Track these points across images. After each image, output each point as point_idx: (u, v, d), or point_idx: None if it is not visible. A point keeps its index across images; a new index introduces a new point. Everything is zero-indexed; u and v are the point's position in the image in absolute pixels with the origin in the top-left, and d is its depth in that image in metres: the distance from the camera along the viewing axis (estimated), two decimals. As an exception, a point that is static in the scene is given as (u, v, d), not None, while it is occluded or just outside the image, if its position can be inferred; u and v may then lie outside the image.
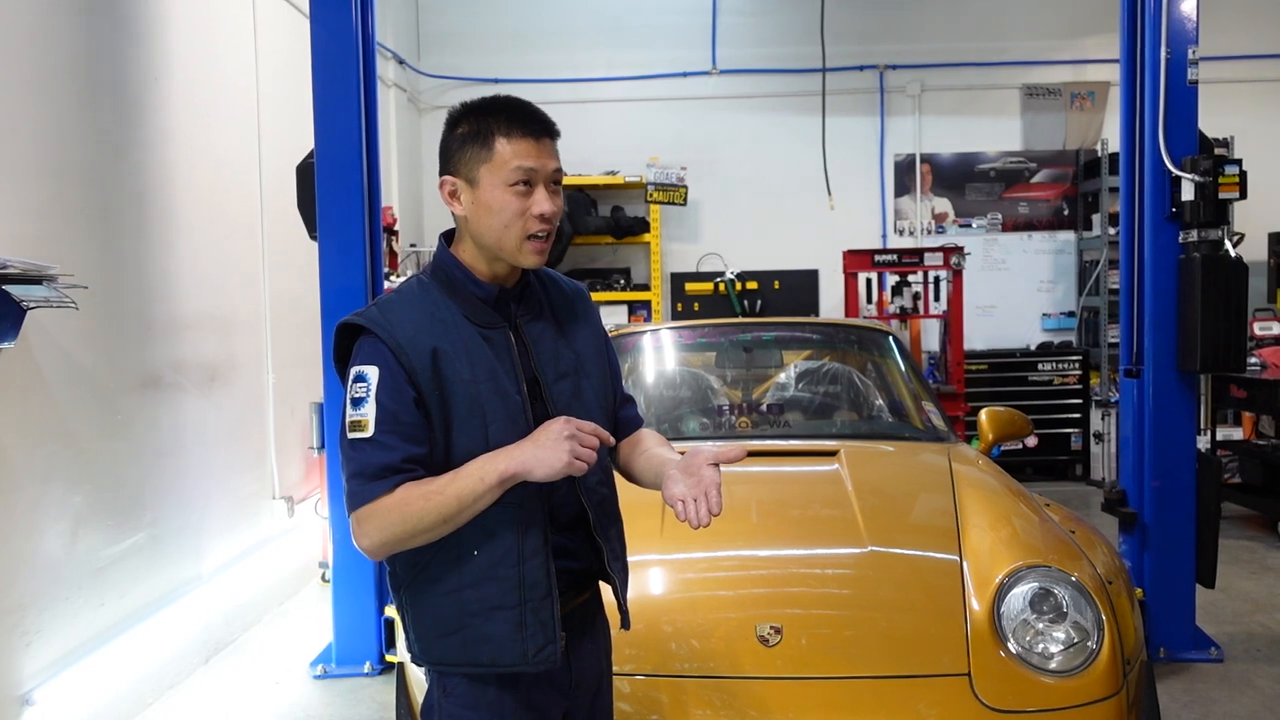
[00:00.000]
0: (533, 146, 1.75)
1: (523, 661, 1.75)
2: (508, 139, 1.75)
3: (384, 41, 7.46)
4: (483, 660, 1.77)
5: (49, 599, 3.51)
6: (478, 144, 1.76)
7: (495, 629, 1.75)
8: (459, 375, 1.74)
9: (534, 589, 1.76)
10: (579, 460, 1.66)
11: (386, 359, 1.71)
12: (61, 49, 3.76)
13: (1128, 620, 2.67)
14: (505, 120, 1.76)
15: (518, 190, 1.75)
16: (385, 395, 1.70)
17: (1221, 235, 4.15)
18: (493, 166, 1.75)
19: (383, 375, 1.70)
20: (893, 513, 3.15)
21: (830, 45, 8.51)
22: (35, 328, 3.40)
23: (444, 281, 1.82)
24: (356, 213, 4.28)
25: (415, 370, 1.71)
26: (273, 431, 5.40)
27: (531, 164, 1.75)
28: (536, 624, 1.75)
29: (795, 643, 2.49)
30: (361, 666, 4.35)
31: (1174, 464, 4.30)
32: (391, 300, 1.81)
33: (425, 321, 1.76)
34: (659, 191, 8.27)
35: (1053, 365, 8.18)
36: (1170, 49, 4.15)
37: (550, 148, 1.79)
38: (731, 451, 1.75)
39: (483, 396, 1.75)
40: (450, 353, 1.74)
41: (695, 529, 1.68)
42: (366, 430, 1.69)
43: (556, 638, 1.77)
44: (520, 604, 1.75)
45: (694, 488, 1.70)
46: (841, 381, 4.40)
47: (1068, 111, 8.65)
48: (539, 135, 1.77)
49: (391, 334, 1.72)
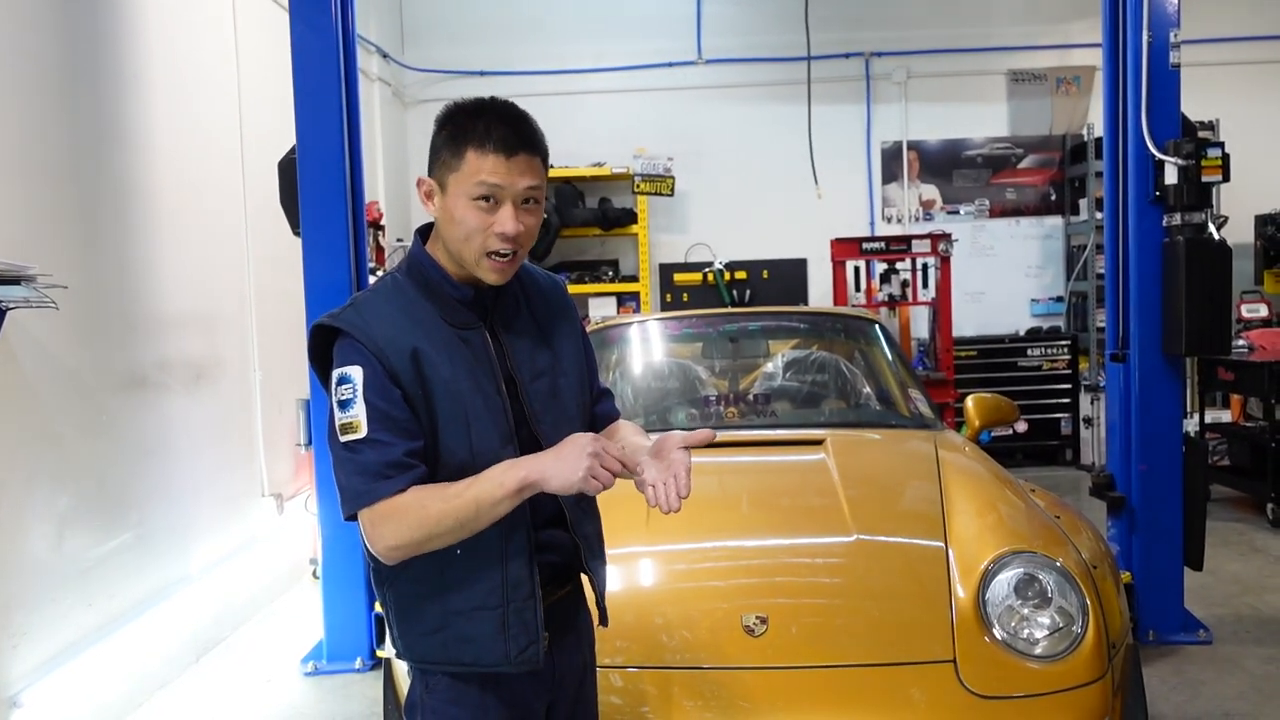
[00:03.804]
0: (502, 163, 1.69)
1: (505, 662, 1.75)
2: (479, 151, 1.69)
3: (366, 35, 7.43)
4: (465, 660, 1.76)
5: (36, 600, 3.50)
6: (450, 151, 1.73)
7: (477, 629, 1.74)
8: (440, 375, 1.71)
9: (517, 589, 1.75)
10: (595, 479, 1.61)
11: (368, 359, 1.68)
12: (40, 48, 3.73)
13: (1113, 604, 2.68)
14: (481, 131, 1.70)
15: (479, 205, 1.70)
16: (373, 394, 1.67)
17: (1205, 219, 4.15)
18: (459, 177, 1.71)
19: (367, 375, 1.68)
20: (879, 501, 3.15)
21: (815, 33, 8.49)
22: (16, 328, 3.38)
23: (420, 281, 1.79)
24: (339, 208, 4.26)
25: (398, 372, 1.69)
26: (260, 428, 5.39)
27: (497, 181, 1.69)
28: (519, 624, 1.75)
29: (782, 632, 2.50)
30: (352, 663, 4.34)
31: (1160, 447, 4.31)
32: (367, 300, 1.78)
33: (403, 321, 1.73)
34: (646, 182, 8.25)
35: (1042, 350, 8.20)
36: (1152, 33, 4.15)
37: (524, 164, 1.71)
38: (699, 435, 1.74)
39: (464, 397, 1.73)
40: (430, 352, 1.72)
41: (665, 514, 1.66)
42: (359, 431, 1.66)
43: (539, 638, 1.76)
44: (503, 604, 1.74)
45: (663, 471, 1.68)
46: (828, 370, 4.40)
47: (1053, 96, 8.65)
48: (513, 151, 1.70)
49: (370, 337, 1.70)
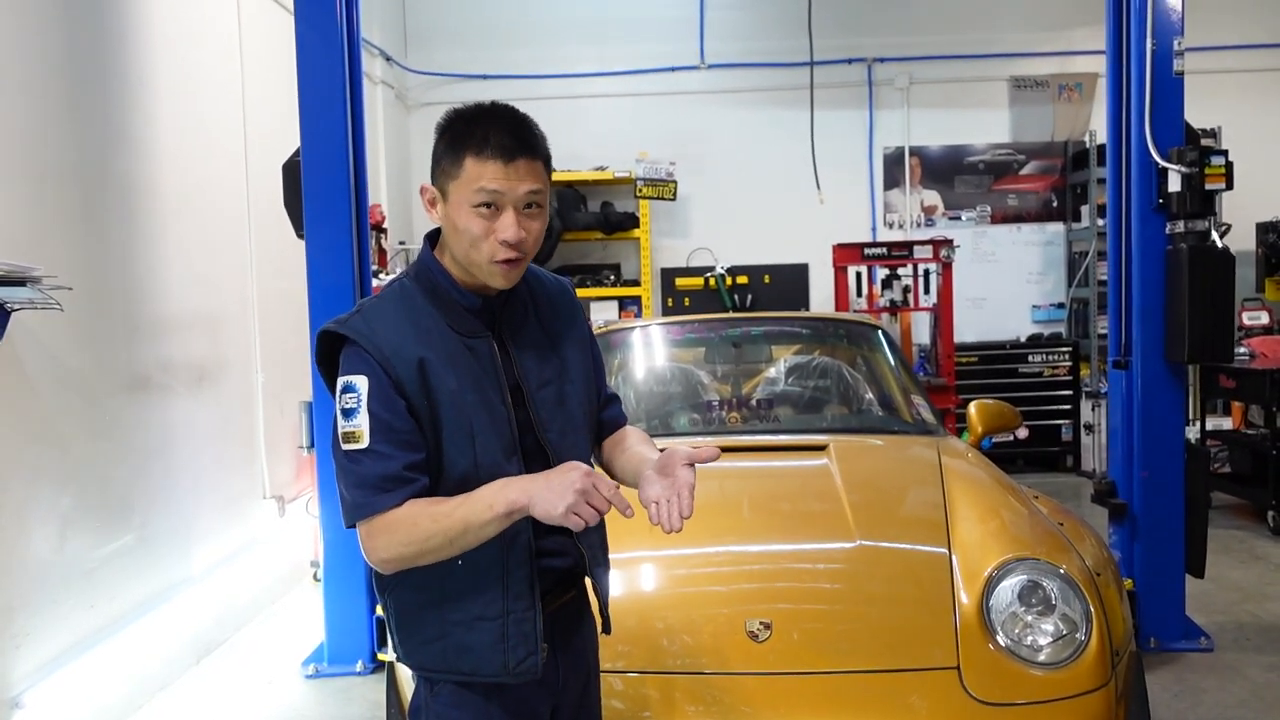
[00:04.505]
0: (501, 169, 1.67)
1: (503, 673, 1.75)
2: (477, 158, 1.68)
3: (370, 38, 7.43)
4: (464, 669, 1.76)
5: (38, 601, 3.49)
6: (450, 158, 1.71)
7: (477, 639, 1.74)
8: (446, 386, 1.71)
9: (517, 600, 1.75)
10: (578, 515, 1.57)
11: (374, 368, 1.68)
12: (45, 49, 3.73)
13: (1116, 612, 2.68)
14: (480, 138, 1.68)
15: (481, 212, 1.69)
16: (377, 405, 1.67)
17: (1208, 226, 4.15)
18: (459, 184, 1.70)
19: (372, 385, 1.67)
20: (882, 506, 3.15)
21: (818, 38, 8.49)
22: (21, 329, 3.38)
23: (428, 288, 1.79)
24: (343, 211, 4.26)
25: (403, 381, 1.69)
26: (262, 431, 5.39)
27: (497, 187, 1.68)
28: (519, 635, 1.74)
29: (785, 638, 2.49)
30: (354, 666, 4.34)
31: (1163, 454, 4.31)
32: (375, 307, 1.77)
33: (409, 329, 1.72)
34: (648, 187, 8.25)
35: (1043, 357, 8.19)
36: (1156, 40, 4.16)
37: (525, 169, 1.69)
38: (706, 451, 1.73)
39: (469, 408, 1.72)
40: (435, 362, 1.71)
41: (667, 533, 1.66)
42: (361, 441, 1.66)
43: (538, 649, 1.76)
44: (503, 615, 1.74)
45: (668, 489, 1.67)
46: (830, 376, 4.40)
47: (1055, 103, 8.65)
48: (512, 156, 1.68)
49: (377, 345, 1.69)
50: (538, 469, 1.73)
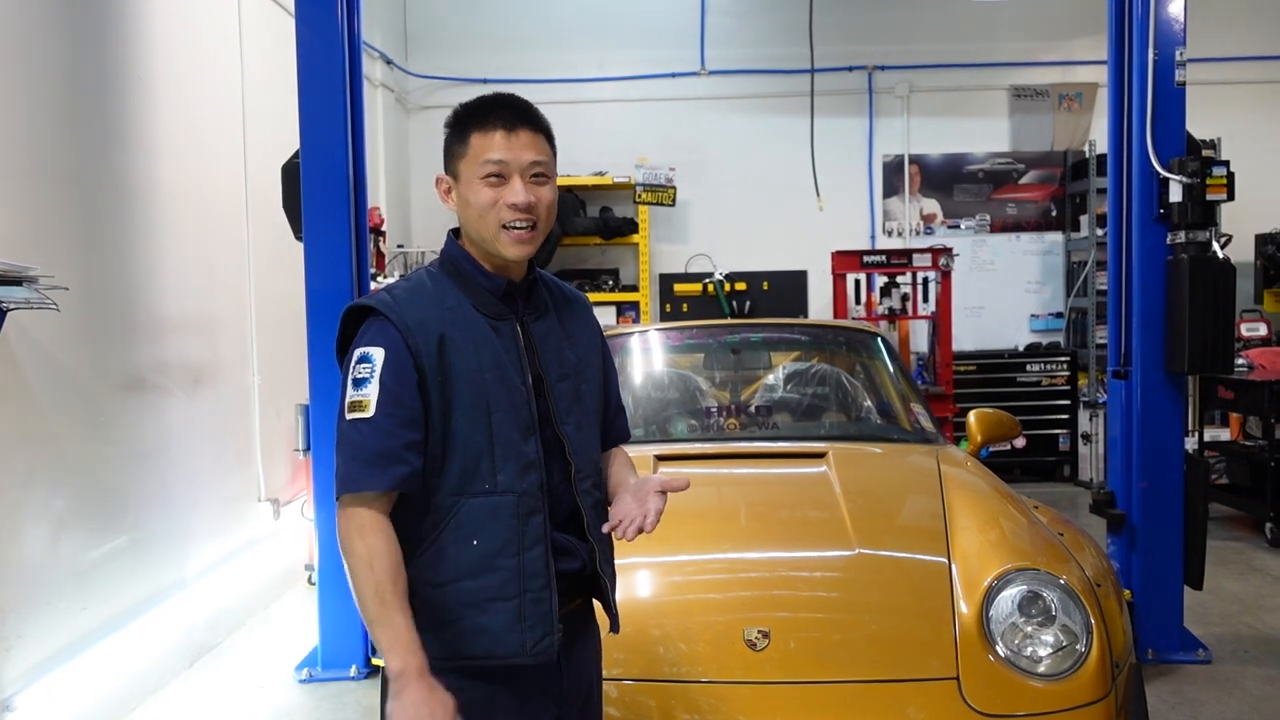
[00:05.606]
0: (504, 139, 1.76)
1: (520, 653, 1.73)
2: (481, 131, 1.78)
3: (371, 41, 7.43)
4: (478, 653, 1.74)
5: (30, 603, 3.47)
6: (457, 139, 1.81)
7: (492, 620, 1.73)
8: (464, 363, 1.74)
9: (534, 579, 1.75)
10: None
11: (394, 341, 1.72)
12: (44, 50, 3.72)
13: (1116, 623, 2.67)
14: (482, 115, 1.79)
15: (489, 182, 1.77)
16: (390, 377, 1.70)
17: (1209, 236, 4.15)
18: (468, 160, 1.78)
19: (389, 357, 1.71)
20: (881, 515, 3.14)
21: (819, 46, 8.50)
22: (16, 329, 3.36)
23: (453, 272, 1.84)
24: (342, 213, 4.25)
25: (421, 353, 1.72)
26: (258, 433, 5.37)
27: (501, 156, 1.76)
28: (536, 614, 1.74)
29: (783, 646, 2.48)
30: (347, 670, 4.31)
31: (1162, 465, 4.30)
32: (401, 286, 1.83)
33: (434, 308, 1.77)
34: (647, 192, 8.25)
35: (1041, 366, 8.20)
36: (1158, 50, 4.16)
37: (527, 139, 1.78)
38: (677, 481, 1.82)
39: (488, 387, 1.75)
40: (457, 340, 1.75)
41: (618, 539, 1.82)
42: (367, 410, 1.68)
43: (554, 629, 1.76)
44: (520, 594, 1.74)
45: (634, 509, 1.80)
46: (829, 383, 4.38)
47: (1055, 113, 8.67)
48: (512, 126, 1.77)
49: (401, 317, 1.73)
50: (555, 463, 1.80)
